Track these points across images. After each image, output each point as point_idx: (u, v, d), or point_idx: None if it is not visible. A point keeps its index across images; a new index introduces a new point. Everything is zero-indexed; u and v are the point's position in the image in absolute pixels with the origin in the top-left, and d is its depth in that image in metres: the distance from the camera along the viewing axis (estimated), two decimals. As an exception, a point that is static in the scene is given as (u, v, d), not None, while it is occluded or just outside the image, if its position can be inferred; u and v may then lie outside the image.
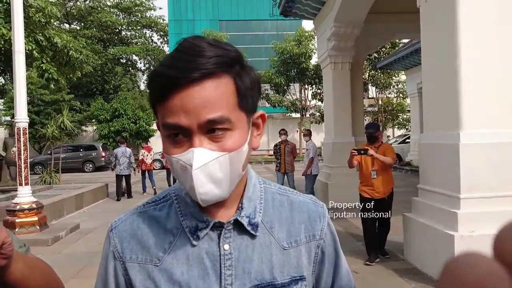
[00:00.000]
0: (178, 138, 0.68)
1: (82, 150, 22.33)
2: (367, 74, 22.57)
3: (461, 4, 4.07)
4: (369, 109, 24.94)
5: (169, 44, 35.98)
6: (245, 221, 0.75)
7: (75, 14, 34.09)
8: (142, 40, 36.57)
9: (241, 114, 0.69)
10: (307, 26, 30.26)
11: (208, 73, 0.65)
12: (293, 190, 0.86)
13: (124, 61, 35.12)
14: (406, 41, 16.67)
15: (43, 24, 10.52)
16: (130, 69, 35.27)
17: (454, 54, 4.12)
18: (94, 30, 32.98)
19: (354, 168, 5.42)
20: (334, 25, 8.47)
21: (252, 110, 0.72)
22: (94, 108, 24.89)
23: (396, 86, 24.04)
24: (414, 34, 9.93)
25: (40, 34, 10.50)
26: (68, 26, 33.75)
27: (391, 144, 15.00)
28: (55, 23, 14.81)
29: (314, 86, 25.51)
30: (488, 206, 3.98)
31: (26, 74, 6.92)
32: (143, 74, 36.28)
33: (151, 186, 11.90)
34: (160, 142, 0.73)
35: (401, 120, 25.28)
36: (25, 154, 6.63)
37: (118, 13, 35.02)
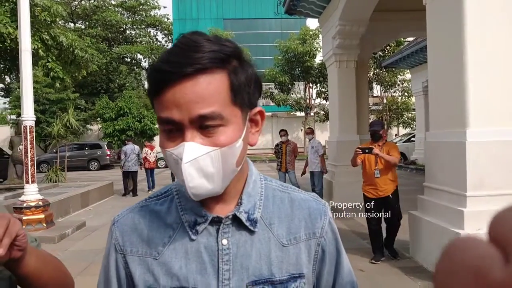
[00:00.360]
0: (172, 132, 0.68)
1: (87, 148, 22.42)
2: (372, 72, 22.50)
3: (467, 1, 4.05)
4: (374, 107, 24.87)
5: (173, 43, 35.93)
6: (243, 216, 0.75)
7: (80, 13, 34.21)
8: (147, 39, 36.66)
9: (235, 110, 0.69)
10: (312, 24, 30.25)
11: (201, 68, 0.65)
12: (295, 188, 0.86)
13: (128, 60, 35.19)
14: (411, 39, 16.58)
15: (49, 23, 10.58)
16: (135, 68, 35.35)
17: (461, 52, 4.10)
18: (99, 29, 33.08)
19: (357, 166, 5.41)
20: (339, 23, 8.43)
21: (248, 106, 0.72)
22: (99, 106, 24.94)
23: (401, 85, 23.94)
24: (419, 32, 9.89)
25: (45, 33, 10.55)
26: (73, 25, 33.84)
27: (396, 143, 14.95)
28: (60, 22, 14.86)
29: (318, 85, 25.45)
30: (494, 204, 3.95)
31: (32, 72, 6.95)
32: (148, 73, 36.33)
33: (148, 186, 12.01)
34: None
35: (406, 118, 25.18)
36: (31, 152, 6.67)
37: (122, 12, 35.08)
